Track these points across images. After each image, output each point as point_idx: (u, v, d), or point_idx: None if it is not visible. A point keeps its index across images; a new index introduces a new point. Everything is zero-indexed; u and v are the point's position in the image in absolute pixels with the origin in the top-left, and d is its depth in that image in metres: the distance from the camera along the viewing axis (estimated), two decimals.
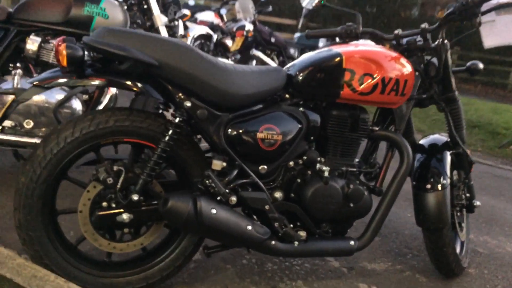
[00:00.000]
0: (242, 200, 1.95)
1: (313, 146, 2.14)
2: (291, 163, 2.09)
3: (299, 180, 2.10)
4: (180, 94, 1.85)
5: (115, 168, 1.83)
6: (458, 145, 2.42)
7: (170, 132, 1.85)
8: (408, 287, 2.43)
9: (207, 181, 1.85)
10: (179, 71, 1.80)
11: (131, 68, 1.75)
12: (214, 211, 1.81)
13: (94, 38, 1.72)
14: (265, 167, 2.02)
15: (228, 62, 2.01)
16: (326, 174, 2.05)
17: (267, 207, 1.98)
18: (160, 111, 2.03)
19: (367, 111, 2.21)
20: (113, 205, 1.86)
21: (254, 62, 6.90)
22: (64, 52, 1.69)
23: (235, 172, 1.94)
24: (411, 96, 2.20)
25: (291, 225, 2.06)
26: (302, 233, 2.06)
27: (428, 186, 2.33)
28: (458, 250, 2.49)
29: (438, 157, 2.44)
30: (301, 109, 2.10)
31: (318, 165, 2.07)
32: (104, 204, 1.86)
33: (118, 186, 1.84)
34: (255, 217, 2.01)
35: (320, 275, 2.40)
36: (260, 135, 1.96)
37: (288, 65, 2.23)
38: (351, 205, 2.14)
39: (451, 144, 2.46)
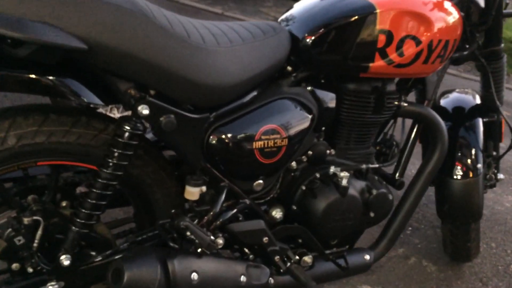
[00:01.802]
0: (231, 238, 1.33)
1: (322, 137, 1.49)
2: (292, 163, 1.45)
3: (303, 188, 1.47)
4: (131, 93, 1.10)
5: (25, 221, 1.10)
6: (497, 112, 1.86)
7: (120, 147, 1.12)
8: (417, 281, 2.01)
9: (184, 231, 1.18)
10: (127, 58, 1.02)
11: (38, 55, 0.95)
12: (195, 276, 1.17)
13: None
14: (261, 182, 1.37)
15: (202, 24, 1.22)
16: (344, 182, 1.44)
17: (265, 239, 1.37)
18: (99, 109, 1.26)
19: (394, 81, 1.55)
20: (30, 270, 1.16)
21: None
22: None
23: (220, 200, 1.28)
24: None
25: (293, 250, 1.49)
26: (308, 259, 1.50)
27: (457, 171, 1.80)
28: None
29: (468, 126, 1.88)
30: (309, 88, 1.40)
31: (332, 169, 1.45)
32: (15, 267, 1.17)
33: (35, 245, 1.14)
34: (246, 250, 1.41)
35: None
36: (257, 144, 1.27)
37: (283, 17, 1.47)
38: (372, 214, 1.58)
39: (484, 109, 1.90)
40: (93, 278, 1.22)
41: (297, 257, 1.46)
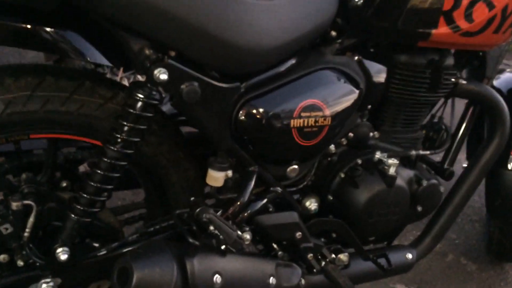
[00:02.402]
0: (260, 232, 1.12)
1: (366, 117, 1.27)
2: (331, 146, 1.24)
3: (342, 176, 1.26)
4: (147, 53, 0.88)
5: (14, 206, 0.90)
6: None
7: (131, 121, 0.91)
8: (456, 281, 1.80)
9: (206, 224, 0.97)
10: (141, 7, 0.81)
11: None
12: (217, 278, 0.97)
13: None
14: (296, 167, 1.16)
15: None
16: (391, 171, 1.22)
17: (298, 234, 1.17)
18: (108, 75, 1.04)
19: (452, 54, 1.32)
20: (21, 264, 0.97)
21: None
22: None
23: (248, 187, 1.07)
24: None
25: (326, 247, 1.28)
26: (344, 258, 1.29)
27: None
28: None
29: None
30: (357, 58, 1.18)
31: (378, 155, 1.23)
32: (3, 258, 0.97)
33: (26, 234, 0.94)
34: (275, 246, 1.20)
35: None
36: (296, 122, 1.05)
37: None
38: (419, 209, 1.36)
39: None
40: (96, 275, 1.02)
41: (333, 256, 1.25)
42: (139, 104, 0.90)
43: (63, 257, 0.93)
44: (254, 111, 1.02)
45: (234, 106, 1.00)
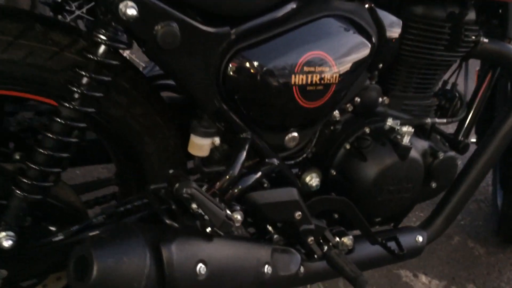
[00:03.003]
0: (253, 212, 0.94)
1: (375, 78, 1.09)
2: (335, 113, 1.06)
3: (347, 147, 1.08)
4: None
5: None
6: None
7: (91, 70, 0.71)
8: (464, 266, 1.65)
9: (187, 201, 0.78)
10: None
11: None
12: (201, 268, 0.79)
13: None
14: (296, 135, 0.97)
15: None
16: (405, 140, 1.04)
17: (298, 215, 0.99)
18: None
19: (473, 8, 1.14)
20: None
21: None
22: None
23: (239, 158, 0.88)
24: None
25: (330, 230, 1.10)
26: (348, 241, 1.11)
27: None
28: None
29: None
30: (368, 5, 0.99)
31: (389, 123, 1.06)
32: None
33: None
34: (270, 229, 1.02)
35: None
36: (297, 78, 0.86)
37: None
38: (433, 185, 1.19)
39: None
40: (51, 266, 0.83)
41: (336, 239, 1.08)
42: (102, 48, 0.70)
43: (7, 243, 0.74)
44: (247, 64, 0.83)
45: (222, 57, 0.81)
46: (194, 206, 0.76)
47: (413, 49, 1.09)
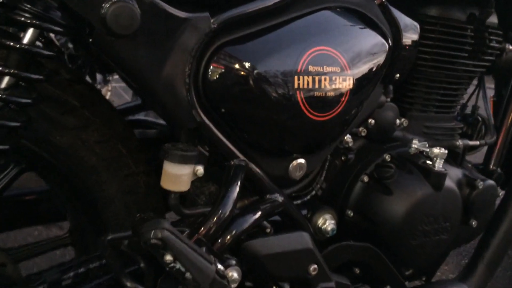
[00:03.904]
0: (252, 267, 0.69)
1: (390, 95, 0.89)
2: (347, 138, 0.84)
3: (365, 180, 0.86)
4: None
5: None
6: None
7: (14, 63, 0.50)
8: None
9: (157, 250, 0.54)
10: None
11: None
12: None
13: None
14: (303, 162, 0.75)
15: None
16: (438, 164, 0.83)
17: (313, 269, 0.74)
18: None
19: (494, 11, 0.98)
20: None
21: None
22: None
23: (232, 194, 0.64)
24: None
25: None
26: None
27: None
28: None
29: None
30: (378, 1, 0.81)
31: (415, 145, 0.85)
32: None
33: None
34: None
35: None
36: (302, 80, 0.65)
37: None
38: (474, 223, 0.96)
39: None
40: None
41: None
42: (29, 33, 0.49)
43: None
44: (235, 63, 0.62)
45: (201, 53, 0.60)
46: (168, 258, 0.51)
47: (432, 57, 0.90)
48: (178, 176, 0.61)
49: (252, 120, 0.65)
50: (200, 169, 0.63)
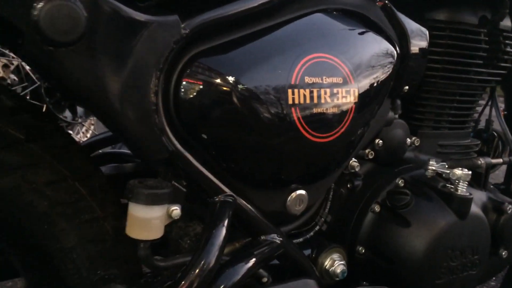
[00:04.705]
0: None
1: (398, 111, 0.77)
2: (353, 162, 0.72)
3: (377, 210, 0.73)
4: None
5: None
6: None
7: None
8: None
9: None
10: None
11: None
12: None
13: None
14: (304, 194, 0.62)
15: None
16: (462, 188, 0.71)
17: None
18: None
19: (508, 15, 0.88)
20: None
21: None
22: None
23: (218, 238, 0.52)
24: None
25: None
26: None
27: None
28: None
29: None
30: (380, 3, 0.70)
31: (432, 166, 0.73)
32: None
33: None
34: None
35: None
36: (297, 94, 0.53)
37: None
38: (504, 253, 0.83)
39: None
40: None
41: None
42: None
43: None
44: (214, 77, 0.50)
45: (171, 66, 0.48)
46: None
47: (443, 66, 0.79)
48: (147, 220, 0.48)
49: (238, 146, 0.53)
50: (176, 210, 0.51)
